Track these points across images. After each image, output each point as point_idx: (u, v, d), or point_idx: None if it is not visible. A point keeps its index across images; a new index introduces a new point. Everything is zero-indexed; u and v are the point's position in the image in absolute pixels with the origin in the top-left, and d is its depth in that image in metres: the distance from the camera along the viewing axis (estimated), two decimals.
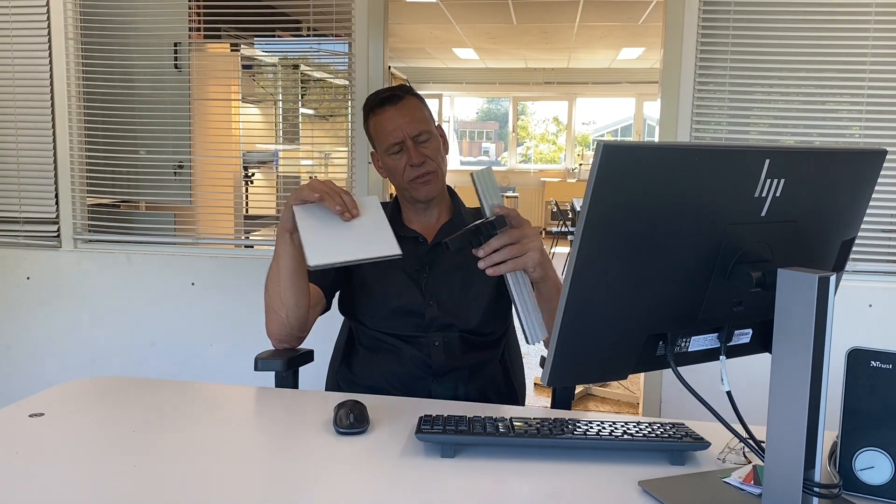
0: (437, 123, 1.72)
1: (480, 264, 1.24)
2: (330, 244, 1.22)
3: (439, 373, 1.61)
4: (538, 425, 1.15)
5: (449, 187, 1.77)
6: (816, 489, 0.86)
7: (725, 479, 1.02)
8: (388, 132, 1.63)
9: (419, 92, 1.74)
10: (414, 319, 1.63)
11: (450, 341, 1.61)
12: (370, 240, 1.20)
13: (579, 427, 1.15)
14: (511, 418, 1.18)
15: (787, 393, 0.85)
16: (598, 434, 1.12)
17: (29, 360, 3.08)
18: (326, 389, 1.77)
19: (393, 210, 1.74)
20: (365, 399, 1.29)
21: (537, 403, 3.68)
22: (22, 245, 3.04)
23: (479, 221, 1.24)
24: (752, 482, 1.00)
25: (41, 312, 3.05)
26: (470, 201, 1.79)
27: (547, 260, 1.33)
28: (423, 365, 1.61)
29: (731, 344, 1.00)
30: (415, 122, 1.63)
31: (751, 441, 0.99)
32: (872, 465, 0.98)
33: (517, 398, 1.74)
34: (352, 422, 1.19)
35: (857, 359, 0.99)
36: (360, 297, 1.68)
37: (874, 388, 0.98)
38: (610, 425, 1.16)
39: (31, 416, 1.25)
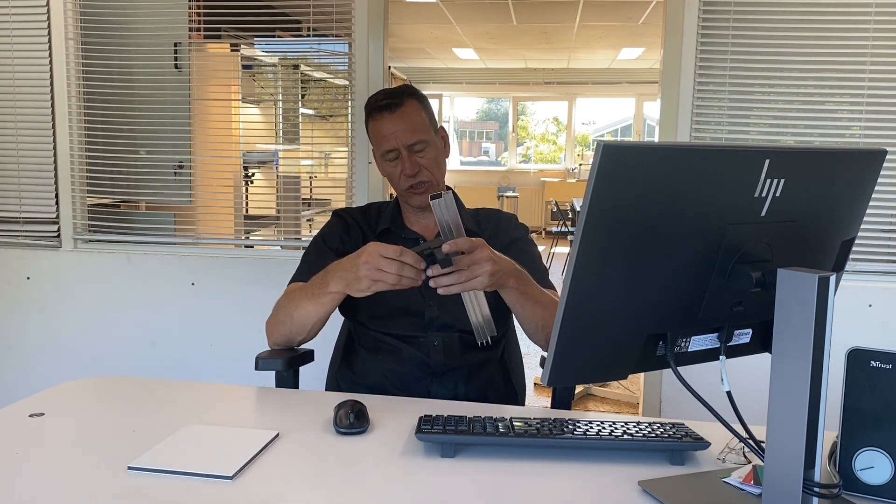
0: (438, 126, 1.70)
1: (431, 283, 1.30)
2: (175, 452, 1.09)
3: (439, 373, 1.61)
4: (538, 425, 1.15)
5: (450, 187, 1.77)
6: (816, 489, 0.86)
7: (725, 479, 1.02)
8: (383, 139, 1.63)
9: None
10: (414, 319, 1.63)
11: (449, 341, 1.61)
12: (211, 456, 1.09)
13: (579, 427, 1.15)
14: (511, 418, 1.18)
15: (787, 393, 0.85)
16: (598, 434, 1.12)
17: (29, 360, 3.08)
18: (326, 389, 1.77)
19: (393, 211, 1.74)
20: (365, 399, 1.29)
21: (537, 403, 3.68)
22: (22, 245, 3.04)
23: (427, 247, 1.29)
24: (752, 482, 1.00)
25: (41, 312, 3.05)
26: (470, 202, 1.79)
27: (503, 276, 1.35)
28: (422, 365, 1.61)
29: (731, 344, 1.00)
30: (410, 132, 1.61)
31: (751, 441, 0.99)
32: (872, 465, 0.98)
33: (517, 398, 1.74)
34: (352, 422, 1.19)
35: (857, 359, 0.99)
36: (378, 313, 1.68)
37: (874, 388, 0.98)
38: (610, 425, 1.16)
39: (31, 416, 1.25)
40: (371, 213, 1.77)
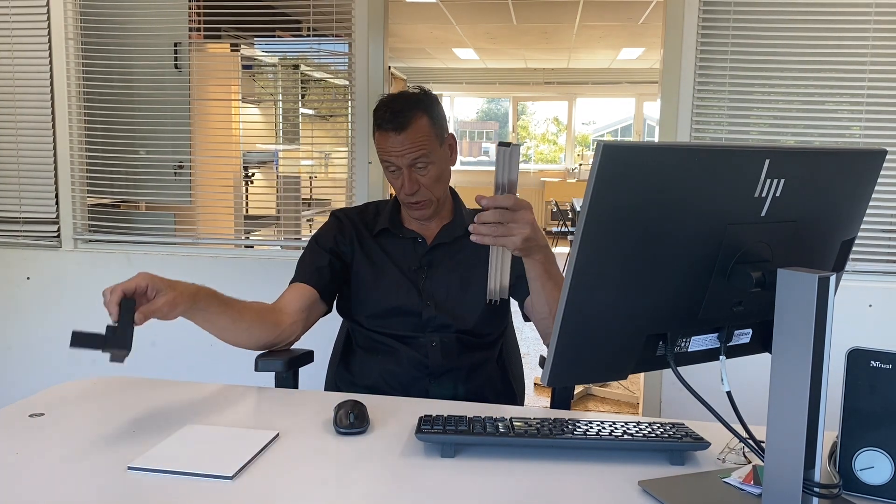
0: (447, 134, 1.65)
1: (469, 227, 1.27)
2: (175, 452, 1.10)
3: (437, 373, 1.60)
4: (538, 425, 1.15)
5: (450, 188, 1.76)
6: (816, 489, 0.86)
7: (725, 479, 1.02)
8: (386, 152, 1.59)
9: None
10: (411, 319, 1.63)
11: (447, 342, 1.61)
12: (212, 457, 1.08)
13: (579, 427, 1.15)
14: (511, 418, 1.18)
15: (787, 393, 0.85)
16: (598, 434, 1.12)
17: (29, 360, 3.08)
18: (325, 390, 1.77)
19: (392, 210, 1.74)
20: (365, 399, 1.29)
21: (537, 403, 3.68)
22: (22, 245, 3.04)
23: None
24: (752, 482, 1.00)
25: (41, 312, 3.05)
26: (470, 202, 1.79)
27: (536, 247, 1.32)
28: (420, 365, 1.61)
29: (731, 344, 1.00)
30: (414, 151, 1.57)
31: (751, 441, 0.99)
32: (872, 466, 0.98)
33: (515, 398, 1.74)
34: (352, 422, 1.19)
35: (857, 359, 0.99)
36: (358, 296, 1.68)
37: (874, 388, 0.98)
38: (610, 425, 1.16)
39: (31, 416, 1.25)
40: (369, 212, 1.76)
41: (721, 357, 0.99)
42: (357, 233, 1.71)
